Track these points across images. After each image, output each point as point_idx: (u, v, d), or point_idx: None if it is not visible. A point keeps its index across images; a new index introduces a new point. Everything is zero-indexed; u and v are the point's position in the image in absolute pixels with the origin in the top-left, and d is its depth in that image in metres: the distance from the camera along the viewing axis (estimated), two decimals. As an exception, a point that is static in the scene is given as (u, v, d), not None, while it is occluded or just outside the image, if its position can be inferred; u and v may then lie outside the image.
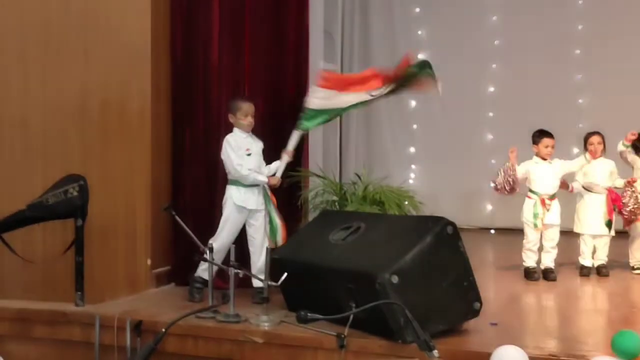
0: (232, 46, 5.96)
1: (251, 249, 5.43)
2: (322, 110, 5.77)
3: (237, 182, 5.38)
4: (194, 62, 5.95)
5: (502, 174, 6.20)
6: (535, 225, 6.20)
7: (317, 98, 5.71)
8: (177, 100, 5.98)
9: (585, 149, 6.45)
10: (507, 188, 6.18)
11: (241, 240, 5.43)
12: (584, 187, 6.43)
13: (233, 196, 5.37)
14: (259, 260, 5.34)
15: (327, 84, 5.78)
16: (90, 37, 5.76)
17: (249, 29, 5.98)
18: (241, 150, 5.35)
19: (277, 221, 5.39)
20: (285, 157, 5.56)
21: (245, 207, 5.36)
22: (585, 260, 6.43)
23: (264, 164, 5.54)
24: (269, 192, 5.46)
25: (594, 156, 6.38)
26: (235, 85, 5.99)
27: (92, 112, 5.79)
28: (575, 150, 7.92)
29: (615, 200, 6.30)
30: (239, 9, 5.96)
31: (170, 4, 5.93)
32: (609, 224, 6.33)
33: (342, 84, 5.88)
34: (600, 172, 6.39)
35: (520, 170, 6.23)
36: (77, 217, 5.17)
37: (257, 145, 5.50)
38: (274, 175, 5.49)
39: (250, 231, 5.43)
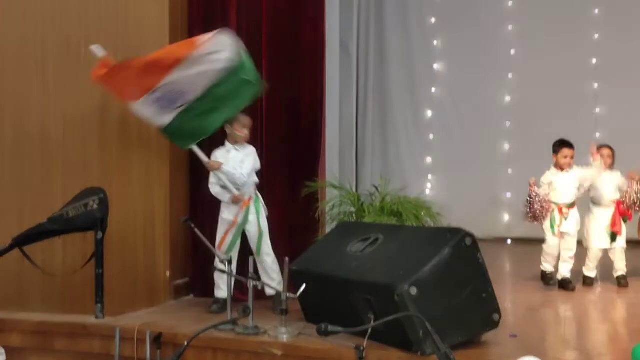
0: (250, 56, 5.99)
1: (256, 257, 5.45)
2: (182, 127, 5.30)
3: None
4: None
5: (534, 204, 6.17)
6: (553, 232, 6.22)
7: (149, 115, 5.29)
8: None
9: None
10: (542, 214, 6.17)
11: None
12: (593, 202, 6.41)
13: (224, 214, 5.41)
14: (270, 265, 5.35)
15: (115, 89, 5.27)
16: (109, 50, 5.80)
17: (267, 42, 6.00)
18: None
19: (264, 224, 5.39)
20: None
21: (227, 219, 5.38)
22: (590, 272, 6.42)
23: (247, 167, 5.41)
24: (260, 199, 5.46)
25: (605, 169, 6.35)
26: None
27: (112, 124, 5.84)
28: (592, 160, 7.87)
29: (624, 213, 6.27)
30: (256, 21, 5.99)
31: (188, 17, 5.97)
32: (612, 236, 6.30)
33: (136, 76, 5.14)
34: (608, 185, 6.36)
35: (544, 185, 6.23)
36: (97, 230, 5.20)
37: (235, 157, 5.41)
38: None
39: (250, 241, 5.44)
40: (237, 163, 5.41)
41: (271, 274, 5.38)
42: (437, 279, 3.98)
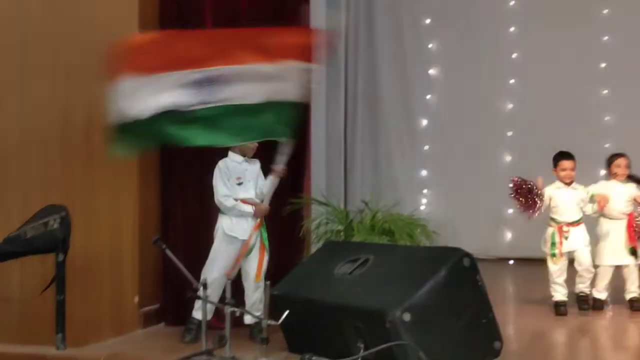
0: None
1: (245, 284, 5.44)
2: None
3: None
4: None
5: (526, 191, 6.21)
6: (553, 255, 6.22)
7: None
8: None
9: (610, 172, 6.44)
10: (532, 205, 6.17)
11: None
12: (602, 215, 6.42)
13: (224, 225, 5.39)
14: (252, 297, 5.34)
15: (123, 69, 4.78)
16: (72, 53, 5.79)
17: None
18: (232, 179, 5.36)
19: (255, 251, 5.39)
20: (275, 177, 5.45)
21: (237, 238, 5.37)
22: (600, 294, 6.42)
23: (265, 183, 5.50)
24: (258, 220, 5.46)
25: (620, 180, 6.37)
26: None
27: (75, 135, 5.82)
28: (602, 172, 7.92)
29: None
30: (234, 22, 6.00)
31: (159, 16, 5.97)
32: (632, 252, 6.31)
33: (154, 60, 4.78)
34: (620, 196, 6.36)
35: (546, 199, 6.25)
36: (58, 252, 5.16)
37: (252, 170, 5.50)
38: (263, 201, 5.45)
39: (244, 264, 5.43)
40: (255, 176, 5.44)
41: (259, 303, 5.36)
42: (432, 303, 3.98)
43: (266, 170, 5.49)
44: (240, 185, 5.40)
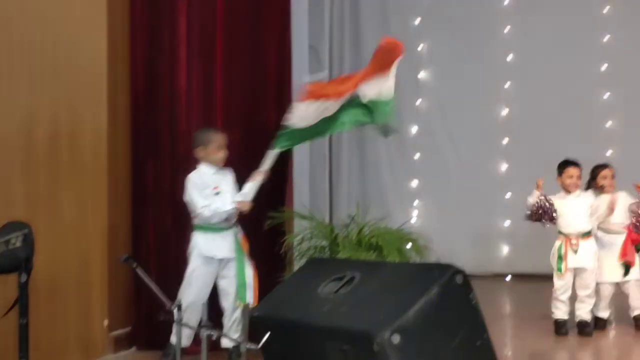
0: (202, 69, 6.02)
1: (224, 304, 5.45)
2: (303, 129, 5.80)
3: (203, 228, 5.42)
4: (158, 88, 6.00)
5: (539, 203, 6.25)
6: (559, 270, 6.25)
7: (298, 116, 5.74)
8: (138, 133, 6.01)
9: (596, 184, 6.47)
10: (544, 215, 6.22)
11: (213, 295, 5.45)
12: (600, 229, 6.47)
13: (199, 245, 5.41)
14: (231, 318, 5.35)
15: (311, 96, 5.80)
16: (36, 61, 5.79)
17: (222, 49, 6.04)
18: (208, 189, 5.39)
19: (248, 273, 5.42)
20: (259, 178, 5.57)
21: (214, 257, 5.39)
22: (602, 312, 6.47)
23: (246, 185, 5.57)
24: (241, 237, 5.48)
25: (608, 192, 6.41)
26: (207, 113, 6.03)
27: (39, 147, 5.80)
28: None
29: (637, 240, 6.32)
30: (210, 25, 6.03)
31: (130, 21, 5.99)
32: (625, 267, 6.35)
33: (329, 91, 5.92)
34: (618, 209, 6.39)
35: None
36: (21, 272, 5.12)
37: (227, 181, 5.55)
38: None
39: (222, 284, 5.46)
40: (231, 187, 5.50)
41: (238, 325, 5.37)
42: (423, 324, 3.99)
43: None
44: (217, 195, 5.43)
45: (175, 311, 4.88)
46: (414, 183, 10.19)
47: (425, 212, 10.02)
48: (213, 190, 5.43)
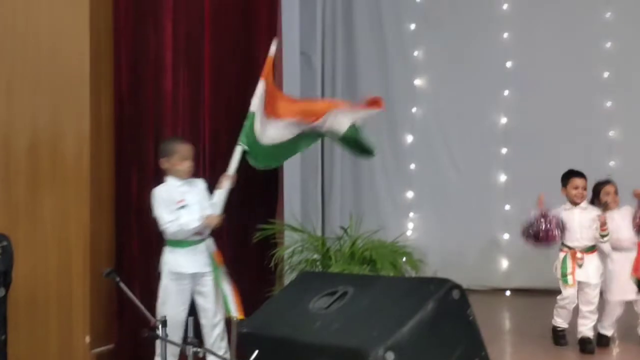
0: (189, 75, 6.02)
1: (203, 321, 5.45)
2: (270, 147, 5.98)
3: (173, 243, 5.43)
4: (143, 94, 5.99)
5: (537, 222, 6.23)
6: (566, 282, 6.26)
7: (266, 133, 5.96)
8: (122, 140, 6.00)
9: (599, 200, 6.46)
10: (548, 235, 6.20)
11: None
12: (612, 247, 6.46)
13: (169, 261, 5.43)
14: (212, 335, 5.34)
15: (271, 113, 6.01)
16: (15, 65, 5.78)
17: (210, 55, 6.05)
18: (173, 204, 5.39)
19: (225, 287, 5.41)
20: (226, 183, 5.57)
21: (185, 273, 5.38)
22: (606, 330, 6.47)
23: (214, 193, 5.57)
24: (213, 250, 5.47)
25: (612, 208, 6.42)
26: (193, 120, 6.03)
27: (17, 155, 5.79)
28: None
29: None
30: (197, 30, 6.04)
31: (114, 25, 5.98)
32: (637, 283, 6.35)
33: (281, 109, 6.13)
34: (623, 224, 6.41)
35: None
36: (-1, 286, 5.13)
37: (195, 192, 5.54)
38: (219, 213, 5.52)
39: (199, 300, 5.47)
40: (199, 198, 5.49)
41: (220, 341, 5.36)
42: (418, 341, 3.98)
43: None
44: (183, 208, 5.42)
45: (159, 327, 4.87)
46: (410, 194, 10.17)
47: (421, 224, 10.00)
48: (177, 204, 5.42)
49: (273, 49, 6.13)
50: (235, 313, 5.34)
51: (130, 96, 6.00)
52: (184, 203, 5.44)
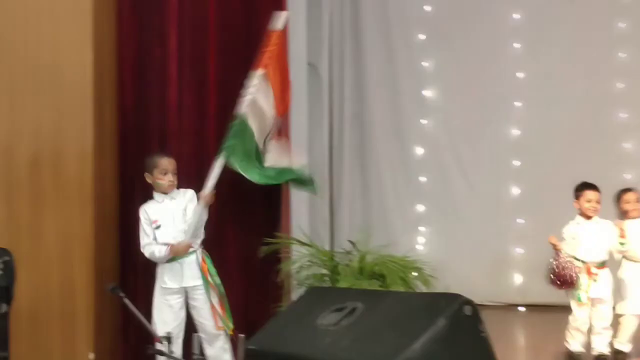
0: (194, 86, 6.04)
1: (203, 335, 5.46)
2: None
3: None
4: (147, 107, 6.01)
5: (560, 268, 6.22)
6: (579, 299, 6.23)
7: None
8: (127, 154, 6.02)
9: (621, 209, 6.47)
10: (573, 279, 6.20)
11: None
12: (624, 257, 6.45)
13: (158, 275, 5.56)
14: (212, 347, 5.36)
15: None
16: (16, 78, 5.80)
17: (215, 65, 6.06)
18: (150, 225, 5.47)
19: (213, 299, 5.43)
20: (202, 203, 5.55)
21: (171, 287, 5.41)
22: (622, 345, 6.44)
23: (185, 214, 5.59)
24: (200, 260, 5.49)
25: (634, 217, 6.41)
26: (199, 132, 6.04)
27: (19, 170, 5.82)
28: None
29: None
30: (201, 38, 6.05)
31: (117, 35, 6.02)
32: None
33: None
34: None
35: (568, 239, 6.28)
36: (1, 302, 5.14)
37: (173, 209, 5.57)
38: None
39: (194, 314, 5.52)
40: (178, 214, 5.45)
41: (223, 353, 5.37)
42: (429, 358, 3.96)
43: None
44: (158, 229, 5.47)
45: (164, 343, 4.88)
46: (420, 207, 10.16)
47: (431, 238, 9.99)
48: (153, 224, 5.46)
49: (280, 21, 5.94)
50: (226, 327, 5.38)
51: (134, 109, 6.03)
52: (158, 224, 5.49)
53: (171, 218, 5.50)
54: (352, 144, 10.11)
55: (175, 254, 5.45)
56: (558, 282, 6.24)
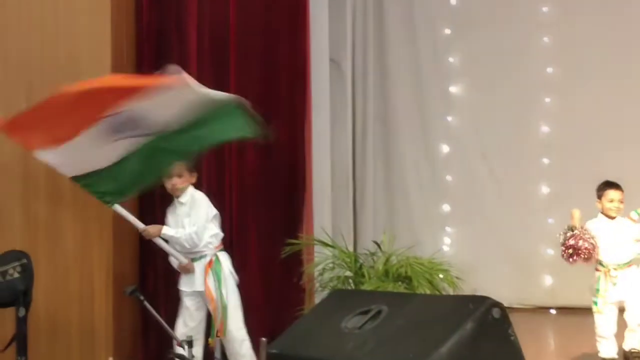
0: (214, 83, 6.06)
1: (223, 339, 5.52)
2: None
3: None
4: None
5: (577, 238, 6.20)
6: (595, 304, 6.24)
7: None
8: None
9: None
10: (585, 254, 6.17)
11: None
12: None
13: (180, 279, 5.63)
14: (230, 348, 5.41)
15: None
16: (35, 77, 5.86)
17: (235, 63, 6.09)
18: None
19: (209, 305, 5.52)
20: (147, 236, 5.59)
21: (184, 290, 5.59)
22: None
23: (196, 222, 5.60)
24: (223, 261, 5.55)
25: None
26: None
27: (38, 172, 5.85)
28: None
29: None
30: (222, 38, 6.09)
31: (136, 35, 6.05)
32: None
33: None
34: None
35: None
36: (19, 306, 5.18)
37: (177, 213, 5.66)
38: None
39: (212, 321, 5.54)
40: (181, 220, 5.51)
41: (240, 349, 5.42)
42: (457, 362, 3.98)
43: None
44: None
45: (185, 347, 4.93)
46: (446, 207, 10.14)
47: (458, 239, 9.97)
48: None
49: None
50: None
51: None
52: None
53: (174, 223, 5.59)
54: (375, 141, 10.09)
55: (185, 272, 5.55)
56: (571, 252, 6.20)
